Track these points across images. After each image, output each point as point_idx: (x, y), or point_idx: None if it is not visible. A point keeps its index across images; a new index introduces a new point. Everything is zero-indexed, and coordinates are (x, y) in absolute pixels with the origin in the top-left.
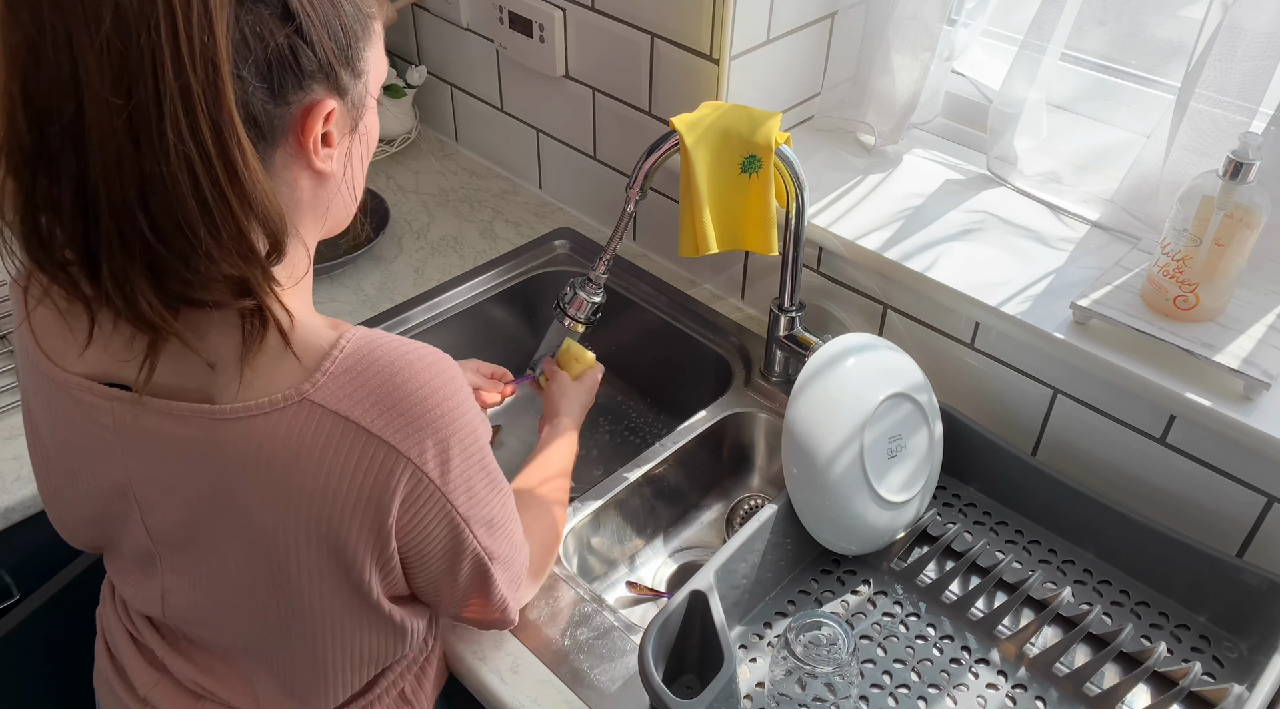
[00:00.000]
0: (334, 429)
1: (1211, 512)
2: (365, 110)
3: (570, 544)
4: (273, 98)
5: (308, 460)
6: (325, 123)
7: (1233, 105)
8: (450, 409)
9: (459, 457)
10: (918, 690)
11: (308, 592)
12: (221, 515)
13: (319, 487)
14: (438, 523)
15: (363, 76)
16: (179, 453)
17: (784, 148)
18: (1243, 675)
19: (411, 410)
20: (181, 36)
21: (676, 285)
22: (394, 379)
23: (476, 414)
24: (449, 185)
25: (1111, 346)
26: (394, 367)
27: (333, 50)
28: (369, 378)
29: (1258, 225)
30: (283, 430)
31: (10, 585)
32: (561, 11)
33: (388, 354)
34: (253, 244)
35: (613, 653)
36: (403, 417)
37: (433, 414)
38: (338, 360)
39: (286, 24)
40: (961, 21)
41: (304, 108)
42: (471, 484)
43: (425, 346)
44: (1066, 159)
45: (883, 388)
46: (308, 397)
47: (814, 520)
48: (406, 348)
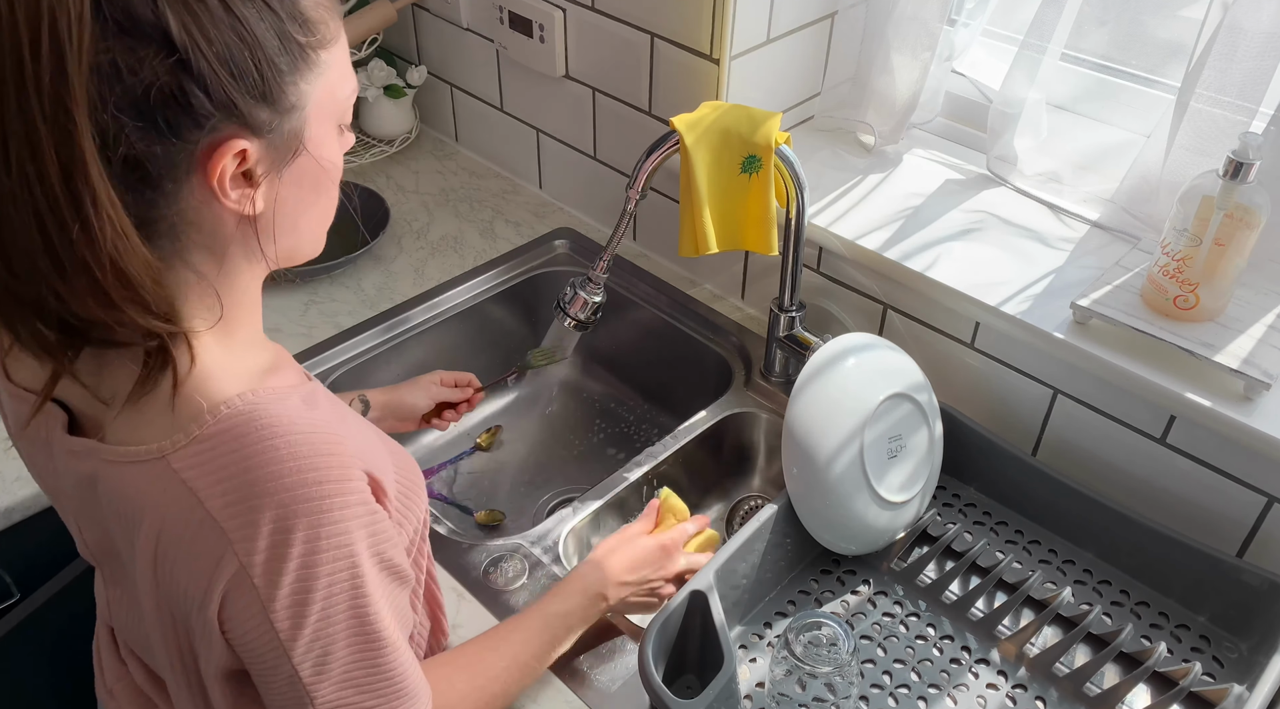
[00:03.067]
0: (178, 498)
1: (1211, 512)
2: (304, 147)
3: (570, 544)
4: (159, 136)
5: (153, 523)
6: (241, 163)
7: (1233, 105)
8: (304, 512)
9: (296, 570)
10: (918, 690)
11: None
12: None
13: (160, 551)
14: (257, 631)
15: (295, 112)
16: (84, 478)
17: (784, 148)
18: (1243, 675)
19: (253, 500)
20: (29, 77)
21: (676, 285)
22: (251, 461)
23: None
24: (449, 185)
25: (1111, 346)
26: (258, 447)
27: (234, 86)
28: (228, 452)
29: (1258, 225)
30: (139, 486)
31: (10, 585)
32: (561, 11)
33: (261, 433)
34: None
35: (613, 653)
36: (241, 503)
37: (278, 511)
38: (209, 425)
39: (168, 58)
40: (961, 21)
41: (207, 145)
42: (307, 607)
43: (319, 437)
44: (1066, 159)
45: (883, 388)
46: (166, 456)
47: (814, 520)
48: (289, 431)
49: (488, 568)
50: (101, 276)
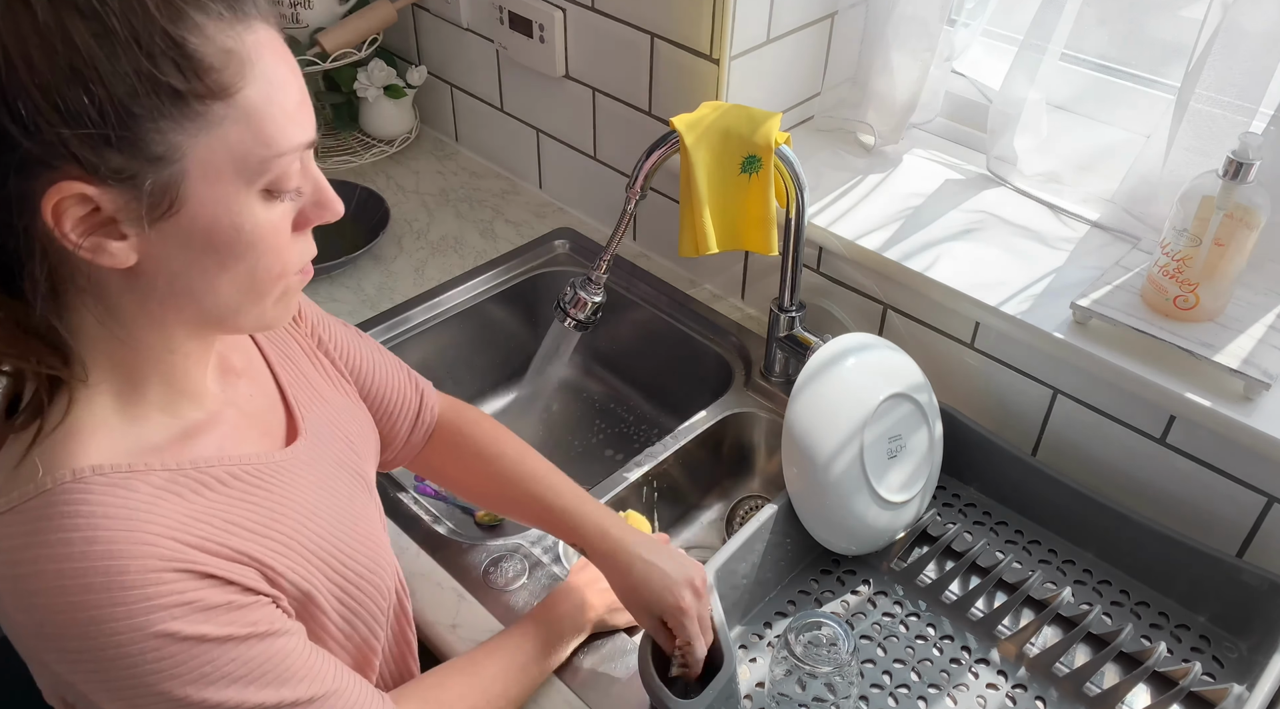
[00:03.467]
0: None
1: (1211, 512)
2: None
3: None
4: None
5: None
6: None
7: (1233, 105)
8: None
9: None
10: (918, 690)
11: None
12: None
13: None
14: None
15: (165, 163)
16: None
17: (784, 148)
18: (1243, 675)
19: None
20: None
21: (676, 285)
22: (38, 551)
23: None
24: (449, 185)
25: (1111, 347)
26: (52, 538)
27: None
28: (23, 533)
29: (1258, 225)
30: None
31: None
32: (561, 11)
33: (64, 521)
34: None
35: (613, 653)
36: (15, 596)
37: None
38: (29, 495)
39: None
40: (961, 21)
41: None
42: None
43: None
44: (1066, 159)
45: (883, 388)
46: None
47: (814, 520)
48: (93, 527)
49: (488, 568)
50: None
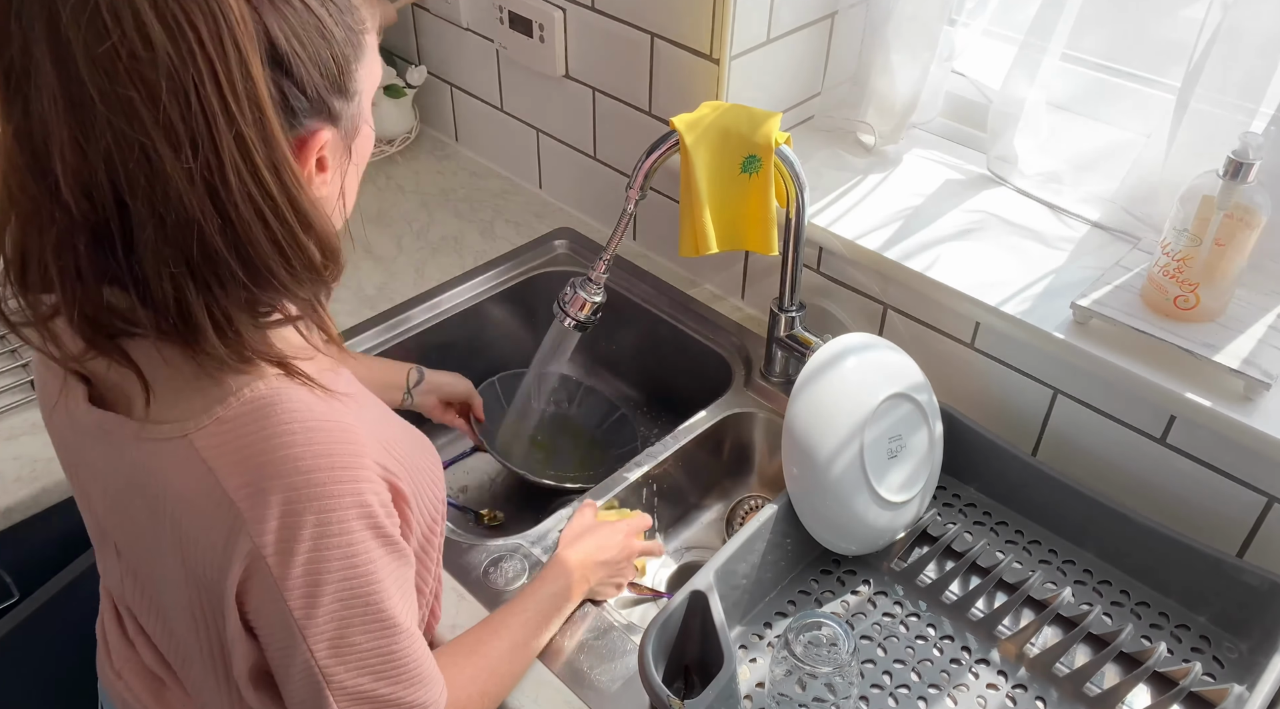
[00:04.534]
0: (199, 477)
1: (1211, 512)
2: (358, 132)
3: None
4: None
5: (175, 501)
6: (319, 150)
7: (1233, 105)
8: (313, 497)
9: (307, 552)
10: (918, 690)
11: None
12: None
13: (183, 530)
14: (271, 613)
15: (356, 97)
16: (104, 454)
17: (784, 148)
18: (1243, 675)
19: (266, 482)
20: (224, 84)
21: (676, 285)
22: (265, 443)
23: (359, 521)
24: (449, 185)
25: (1111, 347)
26: (273, 430)
27: (324, 84)
28: (244, 434)
29: (1258, 225)
30: (163, 464)
31: (10, 585)
32: (561, 11)
33: (279, 417)
34: (319, 269)
35: (613, 653)
36: (255, 485)
37: (289, 493)
38: (231, 407)
39: (275, 69)
40: (961, 21)
41: (297, 141)
42: (319, 589)
43: (333, 424)
44: (1066, 159)
45: (883, 388)
46: (189, 436)
47: (814, 520)
48: (305, 418)
49: (488, 568)
50: (317, 254)
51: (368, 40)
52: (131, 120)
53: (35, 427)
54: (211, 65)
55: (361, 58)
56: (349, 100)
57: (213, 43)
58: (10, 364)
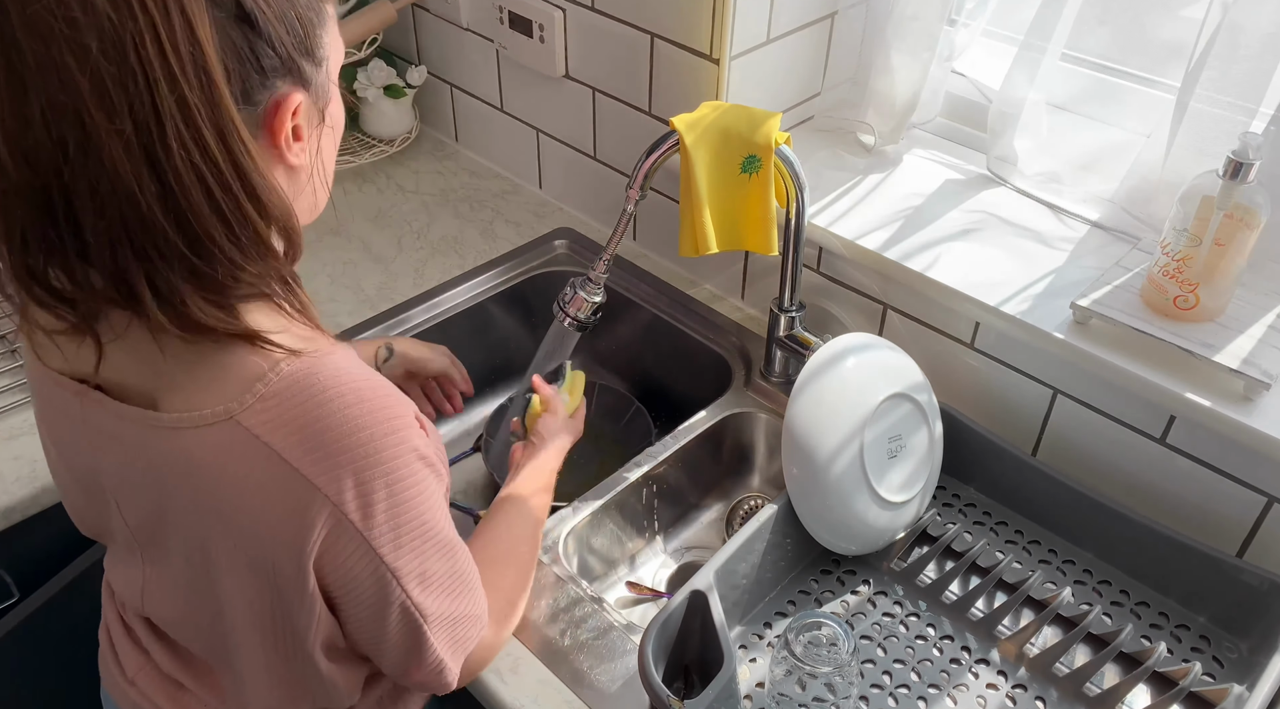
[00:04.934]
0: (256, 455)
1: (1211, 512)
2: (330, 98)
3: (570, 544)
4: (241, 103)
5: (230, 484)
6: (293, 117)
7: (1233, 105)
8: (379, 449)
9: (385, 500)
10: (918, 690)
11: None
12: (168, 521)
13: (244, 515)
14: (361, 568)
15: (323, 63)
16: (130, 454)
17: (784, 148)
18: (1243, 675)
19: (332, 445)
20: (168, 49)
21: (676, 285)
22: (320, 411)
23: (418, 461)
24: (449, 185)
25: (1111, 347)
26: (324, 397)
27: (291, 43)
28: (295, 406)
29: (1258, 225)
30: (208, 449)
31: (10, 585)
32: (561, 11)
33: (324, 384)
34: (270, 245)
35: (613, 653)
36: (321, 450)
37: (356, 452)
38: (272, 383)
39: (243, 25)
40: (961, 21)
41: (271, 105)
42: (400, 532)
43: (373, 381)
44: (1066, 159)
45: (883, 388)
46: (235, 417)
47: (814, 520)
48: (350, 378)
49: None
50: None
51: (328, 9)
52: (65, 85)
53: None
54: (155, 28)
55: (324, 24)
56: (317, 66)
57: (155, 5)
58: (10, 364)
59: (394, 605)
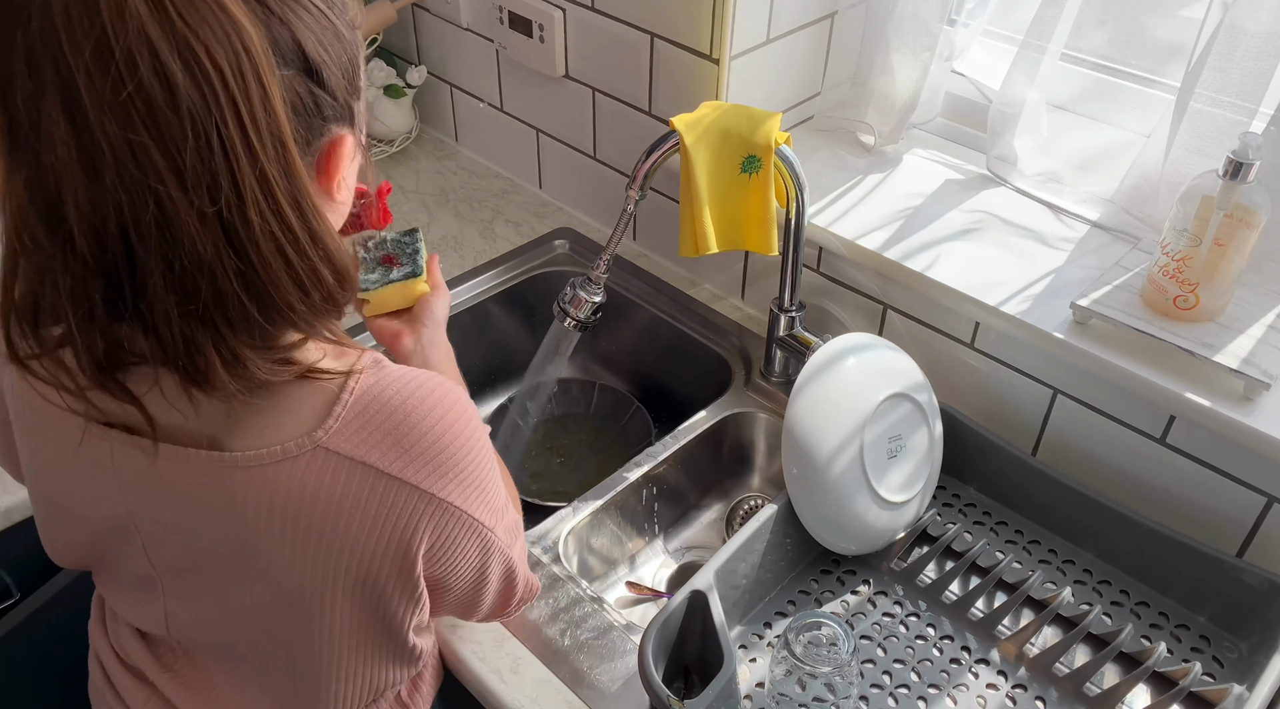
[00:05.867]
0: (351, 475)
1: (1211, 512)
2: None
3: (570, 544)
4: (302, 152)
5: (327, 509)
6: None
7: (1233, 105)
8: (467, 439)
9: (474, 479)
10: (918, 690)
11: (330, 634)
12: (233, 561)
13: (342, 534)
14: (470, 544)
15: (361, 94)
16: (186, 498)
17: (784, 148)
18: (1243, 675)
19: (430, 448)
20: (247, 122)
21: (676, 285)
22: (408, 419)
23: (482, 431)
24: (449, 185)
25: (1111, 347)
26: (406, 405)
27: (345, 87)
28: (382, 419)
29: (1258, 225)
30: (297, 479)
31: (10, 585)
32: (561, 11)
33: (397, 392)
34: (337, 299)
35: (613, 653)
36: (422, 455)
37: (451, 448)
38: (349, 404)
39: (309, 79)
40: (961, 21)
41: (327, 148)
42: (487, 496)
43: (429, 377)
44: (1066, 159)
45: (883, 388)
46: (321, 444)
47: (814, 520)
48: (413, 381)
49: None
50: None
51: (360, 35)
52: (143, 166)
53: None
54: (234, 104)
55: (362, 55)
56: (358, 96)
57: (235, 80)
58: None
59: (495, 566)
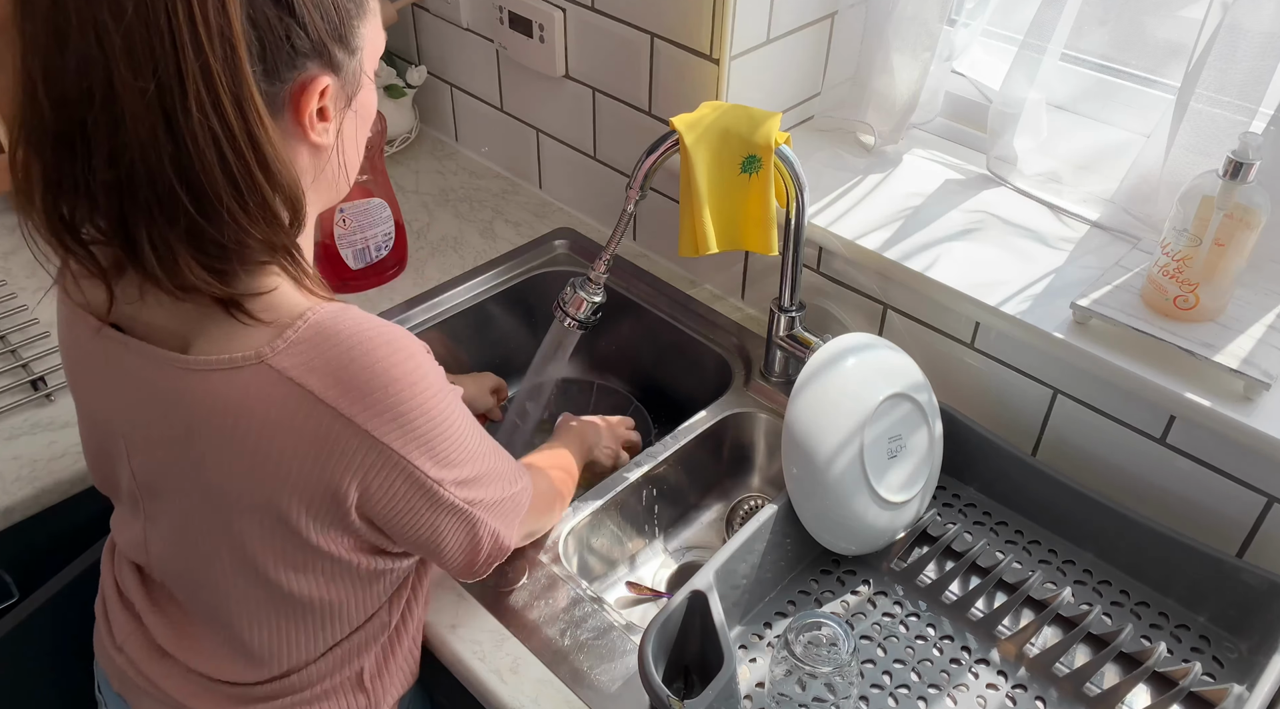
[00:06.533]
0: (288, 396)
1: (1211, 512)
2: (360, 86)
3: (570, 544)
4: (268, 77)
5: (260, 422)
6: (320, 98)
7: (1233, 105)
8: (413, 384)
9: (421, 425)
10: (918, 690)
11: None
12: (180, 465)
13: (267, 450)
14: (407, 490)
15: (357, 53)
16: (151, 397)
17: (784, 148)
18: (1243, 675)
19: (368, 384)
20: (198, 19)
21: (676, 285)
22: (352, 353)
23: (440, 386)
24: (449, 185)
25: (1111, 347)
26: (353, 340)
27: (325, 29)
28: (327, 349)
29: (1258, 225)
30: (238, 390)
31: (10, 585)
32: (561, 11)
33: (350, 329)
34: (276, 212)
35: (613, 653)
36: (357, 390)
37: (394, 390)
38: (301, 330)
39: (278, 6)
40: (961, 21)
41: (299, 84)
42: (436, 446)
43: (391, 326)
44: (1066, 159)
45: (883, 388)
46: (266, 360)
47: (814, 520)
48: (371, 325)
49: None
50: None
51: (371, 3)
52: (100, 40)
53: (35, 426)
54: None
55: (364, 17)
56: (350, 54)
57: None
58: (10, 364)
59: (444, 514)
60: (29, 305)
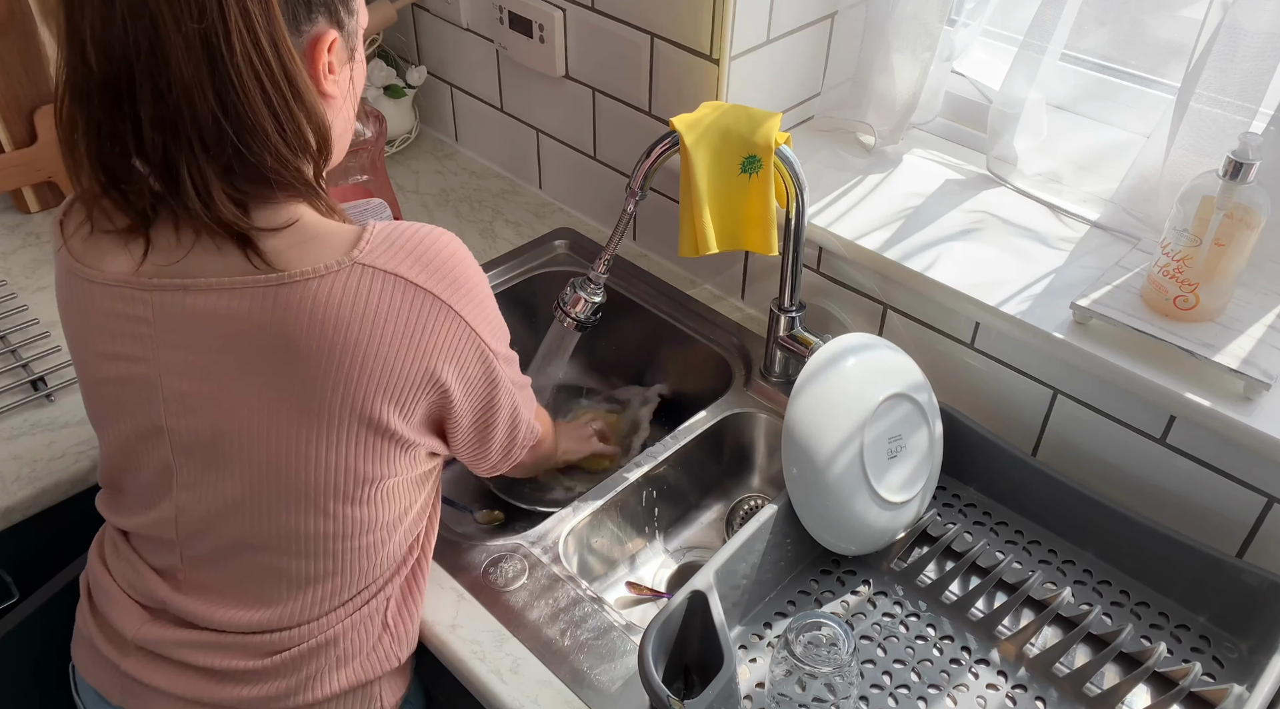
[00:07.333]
0: (385, 286)
1: (1211, 512)
2: (355, 48)
3: (570, 544)
4: (289, 27)
5: (360, 317)
6: (329, 52)
7: (1233, 105)
8: (471, 268)
9: (484, 303)
10: (918, 691)
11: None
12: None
13: (368, 346)
14: (478, 366)
15: (354, 15)
16: (227, 334)
17: (784, 148)
18: (1243, 675)
19: (447, 266)
20: None
21: (676, 285)
22: (425, 243)
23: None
24: (449, 185)
25: (1111, 347)
26: (420, 235)
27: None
28: (406, 244)
29: (1258, 225)
30: (339, 290)
31: (10, 585)
32: (561, 11)
33: (414, 229)
34: (309, 141)
35: (613, 653)
36: (440, 272)
37: (460, 270)
38: (373, 234)
39: None
40: (961, 21)
41: (313, 38)
42: (494, 326)
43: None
44: (1066, 159)
45: (882, 388)
46: (358, 260)
47: (814, 520)
48: (425, 226)
49: (487, 568)
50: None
51: None
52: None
53: (35, 426)
54: None
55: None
56: (350, 14)
57: None
58: (10, 364)
59: (498, 387)
60: (29, 305)
